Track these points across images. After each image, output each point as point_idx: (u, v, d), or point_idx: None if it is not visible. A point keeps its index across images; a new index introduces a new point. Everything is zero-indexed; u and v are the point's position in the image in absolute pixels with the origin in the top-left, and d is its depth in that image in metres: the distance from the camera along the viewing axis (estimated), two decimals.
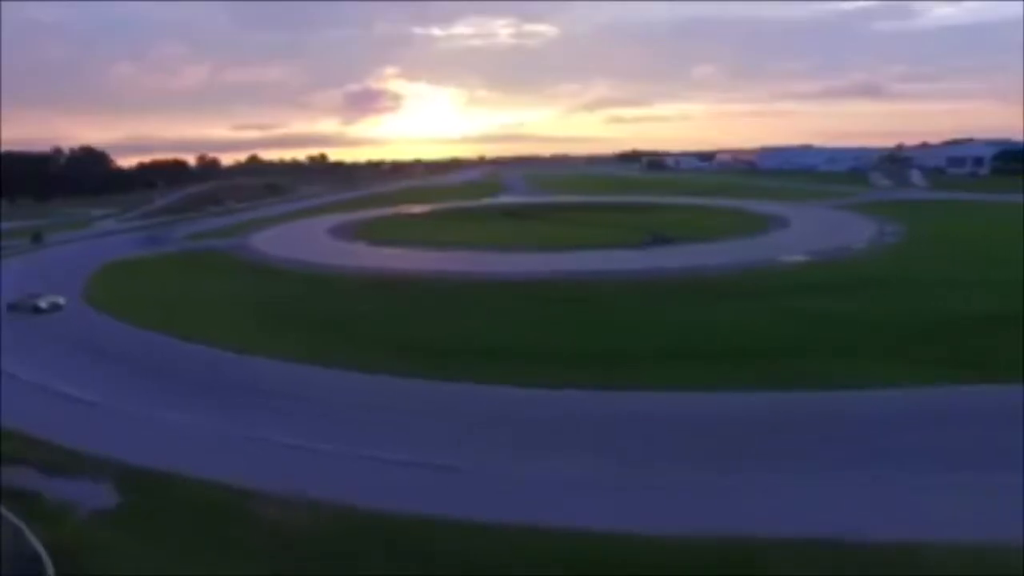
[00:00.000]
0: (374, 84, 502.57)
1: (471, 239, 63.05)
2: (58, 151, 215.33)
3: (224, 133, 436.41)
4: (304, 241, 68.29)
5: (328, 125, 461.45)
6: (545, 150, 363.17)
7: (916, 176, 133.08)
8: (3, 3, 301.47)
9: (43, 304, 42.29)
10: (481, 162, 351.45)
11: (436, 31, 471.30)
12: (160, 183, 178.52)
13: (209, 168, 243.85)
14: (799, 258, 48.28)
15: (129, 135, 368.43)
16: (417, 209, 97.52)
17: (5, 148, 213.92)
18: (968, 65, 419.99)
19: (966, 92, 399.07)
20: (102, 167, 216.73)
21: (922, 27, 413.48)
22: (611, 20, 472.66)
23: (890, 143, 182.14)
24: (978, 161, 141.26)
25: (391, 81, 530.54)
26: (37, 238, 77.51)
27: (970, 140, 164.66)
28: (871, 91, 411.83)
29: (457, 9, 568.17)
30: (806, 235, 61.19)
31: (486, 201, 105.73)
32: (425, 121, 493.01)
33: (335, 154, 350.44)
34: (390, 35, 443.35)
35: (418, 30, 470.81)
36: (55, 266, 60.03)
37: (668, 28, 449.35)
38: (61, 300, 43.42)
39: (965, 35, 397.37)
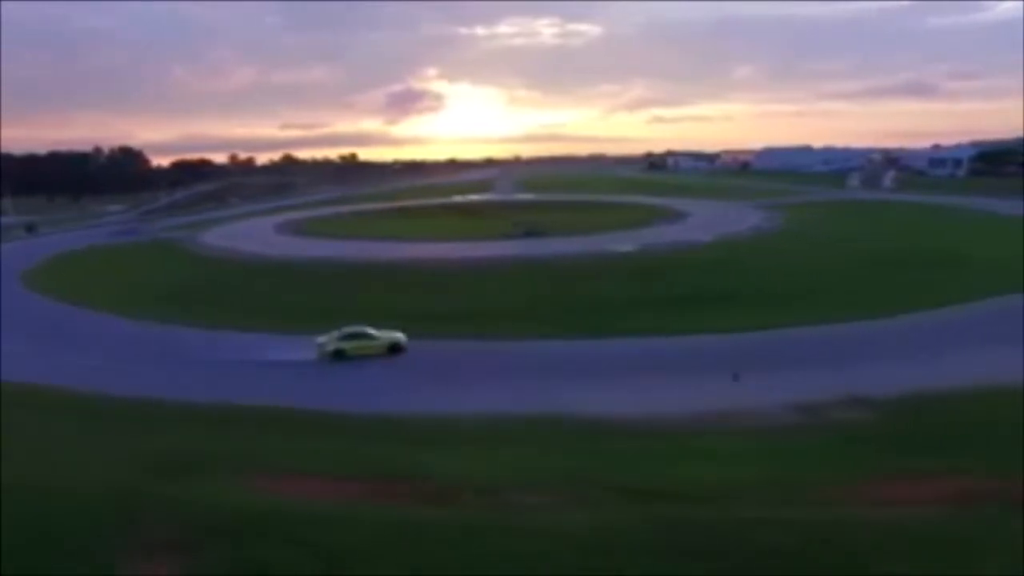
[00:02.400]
0: (417, 84, 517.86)
1: (382, 232, 70.59)
2: (98, 150, 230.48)
3: (271, 132, 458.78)
4: (250, 235, 76.89)
5: (371, 124, 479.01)
6: (582, 150, 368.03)
7: (888, 178, 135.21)
8: (60, 11, 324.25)
9: None
10: (515, 162, 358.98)
11: (479, 31, 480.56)
12: (187, 180, 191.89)
13: (239, 166, 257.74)
14: (628, 249, 54.36)
15: (181, 135, 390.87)
16: (378, 206, 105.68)
17: (50, 148, 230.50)
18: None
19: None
20: (137, 166, 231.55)
21: (979, 22, 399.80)
22: (654, 19, 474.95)
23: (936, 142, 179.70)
24: (957, 163, 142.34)
25: (433, 81, 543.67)
26: (30, 229, 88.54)
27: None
28: (920, 90, 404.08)
29: (501, 9, 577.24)
30: (678, 230, 66.83)
31: (453, 199, 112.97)
32: (466, 121, 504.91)
33: (376, 153, 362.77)
34: (433, 35, 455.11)
35: (462, 30, 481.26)
36: (22, 251, 70.44)
37: (712, 27, 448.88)
38: None
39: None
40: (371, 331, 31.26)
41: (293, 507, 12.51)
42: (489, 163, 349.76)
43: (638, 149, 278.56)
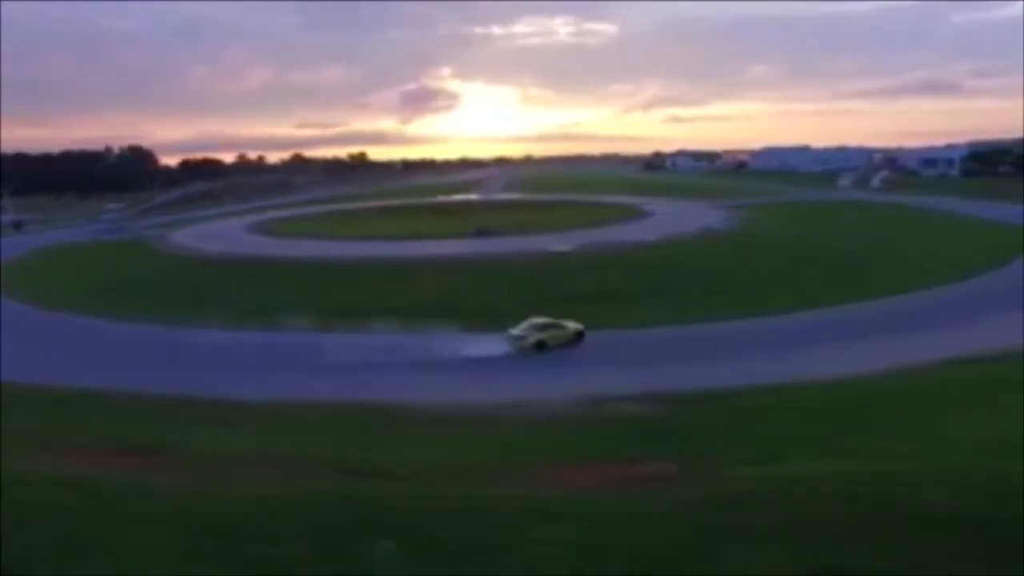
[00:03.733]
0: (432, 83, 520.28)
1: (343, 232, 72.34)
2: (108, 150, 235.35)
3: (288, 131, 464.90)
4: (223, 234, 79.19)
5: (386, 123, 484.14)
6: (597, 150, 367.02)
7: (877, 179, 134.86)
8: (85, 13, 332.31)
9: None
10: (526, 161, 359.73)
11: (496, 30, 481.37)
12: (193, 179, 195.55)
13: (246, 165, 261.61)
14: (564, 248, 55.75)
15: (199, 133, 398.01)
16: (358, 206, 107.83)
17: (63, 148, 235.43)
18: None
19: None
20: (146, 165, 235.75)
21: (1003, 19, 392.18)
22: (671, 18, 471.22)
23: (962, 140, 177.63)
24: (949, 162, 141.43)
25: (449, 80, 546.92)
26: (18, 227, 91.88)
27: None
28: (942, 87, 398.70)
29: (517, 8, 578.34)
30: (631, 230, 67.81)
31: (434, 199, 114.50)
32: (481, 120, 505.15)
33: (390, 152, 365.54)
34: (450, 35, 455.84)
35: (478, 30, 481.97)
36: None
37: (729, 26, 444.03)
38: None
39: None
40: (560, 321, 31.24)
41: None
42: (500, 162, 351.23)
43: (653, 149, 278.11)
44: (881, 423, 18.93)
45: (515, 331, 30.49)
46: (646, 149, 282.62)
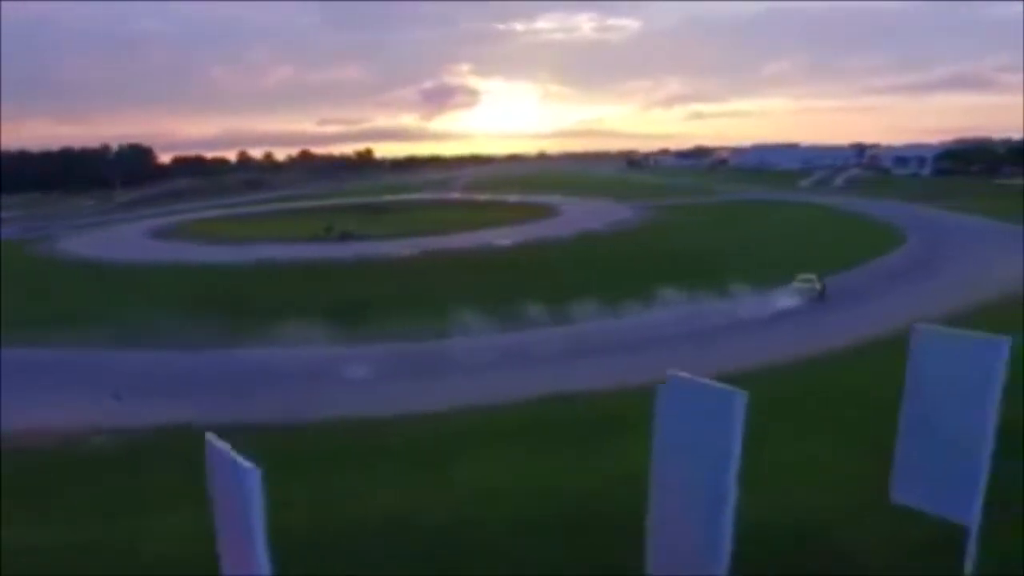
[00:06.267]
0: (454, 80, 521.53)
1: (234, 235, 71.71)
2: (106, 147, 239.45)
3: (310, 128, 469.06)
4: (116, 237, 79.36)
5: (408, 120, 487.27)
6: (619, 146, 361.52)
7: (840, 178, 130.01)
8: (113, 15, 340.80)
9: None
10: (539, 158, 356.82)
11: (518, 27, 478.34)
12: (185, 177, 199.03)
13: (246, 163, 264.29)
14: (410, 252, 55.18)
15: (225, 130, 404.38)
16: (285, 207, 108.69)
17: (61, 145, 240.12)
18: None
19: None
20: (145, 162, 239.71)
21: None
22: (694, 14, 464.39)
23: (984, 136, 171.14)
24: (921, 161, 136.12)
25: (470, 77, 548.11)
26: None
27: None
28: (970, 82, 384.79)
29: (539, 5, 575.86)
30: (516, 232, 66.48)
31: (365, 200, 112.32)
32: (503, 116, 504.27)
33: (412, 149, 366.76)
34: (472, 32, 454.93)
35: (500, 26, 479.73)
36: None
37: (753, 21, 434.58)
38: None
39: None
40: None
41: None
42: (513, 159, 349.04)
43: (675, 145, 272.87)
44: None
45: (798, 284, 36.15)
46: (670, 146, 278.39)
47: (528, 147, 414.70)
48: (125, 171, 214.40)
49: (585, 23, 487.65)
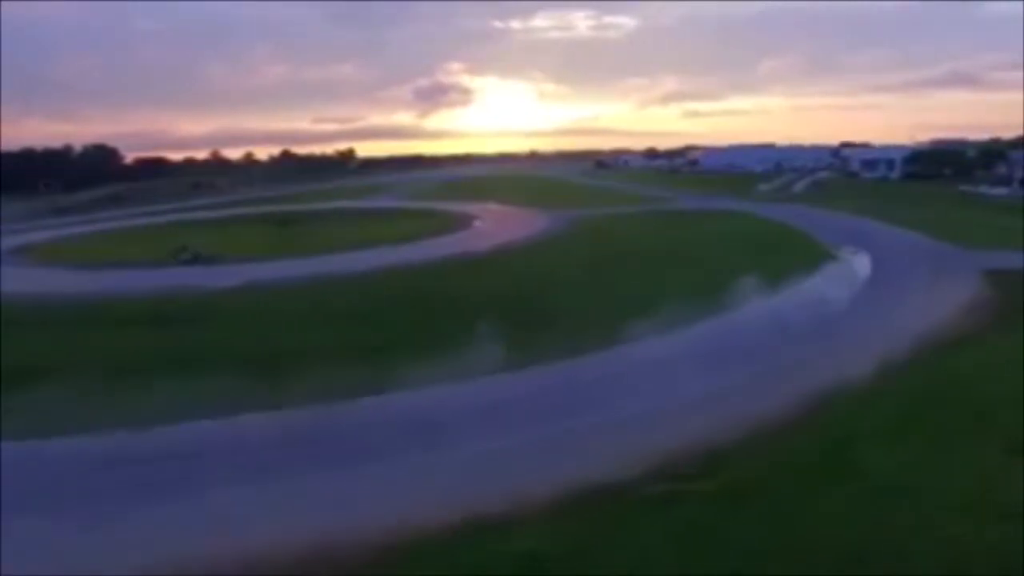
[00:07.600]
0: (450, 78, 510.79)
1: (78, 258, 64.54)
2: (69, 148, 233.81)
3: (305, 126, 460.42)
4: None
5: (404, 118, 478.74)
6: (614, 144, 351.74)
7: (800, 184, 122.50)
8: (113, 14, 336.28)
9: None
10: (530, 156, 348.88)
11: (515, 24, 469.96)
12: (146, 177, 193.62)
13: (218, 163, 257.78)
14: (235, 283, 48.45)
15: (218, 128, 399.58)
16: (195, 216, 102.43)
17: (24, 144, 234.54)
18: None
19: None
20: (110, 163, 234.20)
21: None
22: (691, 12, 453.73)
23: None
24: (889, 164, 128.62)
25: (465, 76, 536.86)
26: None
27: None
28: (967, 80, 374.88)
29: (536, 4, 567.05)
30: (405, 253, 59.53)
31: (287, 208, 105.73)
32: (499, 114, 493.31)
33: (406, 147, 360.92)
34: (469, 29, 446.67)
35: (497, 24, 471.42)
36: None
37: (751, 19, 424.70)
38: None
39: None
40: None
41: None
42: (502, 157, 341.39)
43: (669, 143, 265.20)
44: None
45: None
46: (661, 144, 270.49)
47: (521, 145, 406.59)
48: (87, 172, 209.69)
49: (581, 21, 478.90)
